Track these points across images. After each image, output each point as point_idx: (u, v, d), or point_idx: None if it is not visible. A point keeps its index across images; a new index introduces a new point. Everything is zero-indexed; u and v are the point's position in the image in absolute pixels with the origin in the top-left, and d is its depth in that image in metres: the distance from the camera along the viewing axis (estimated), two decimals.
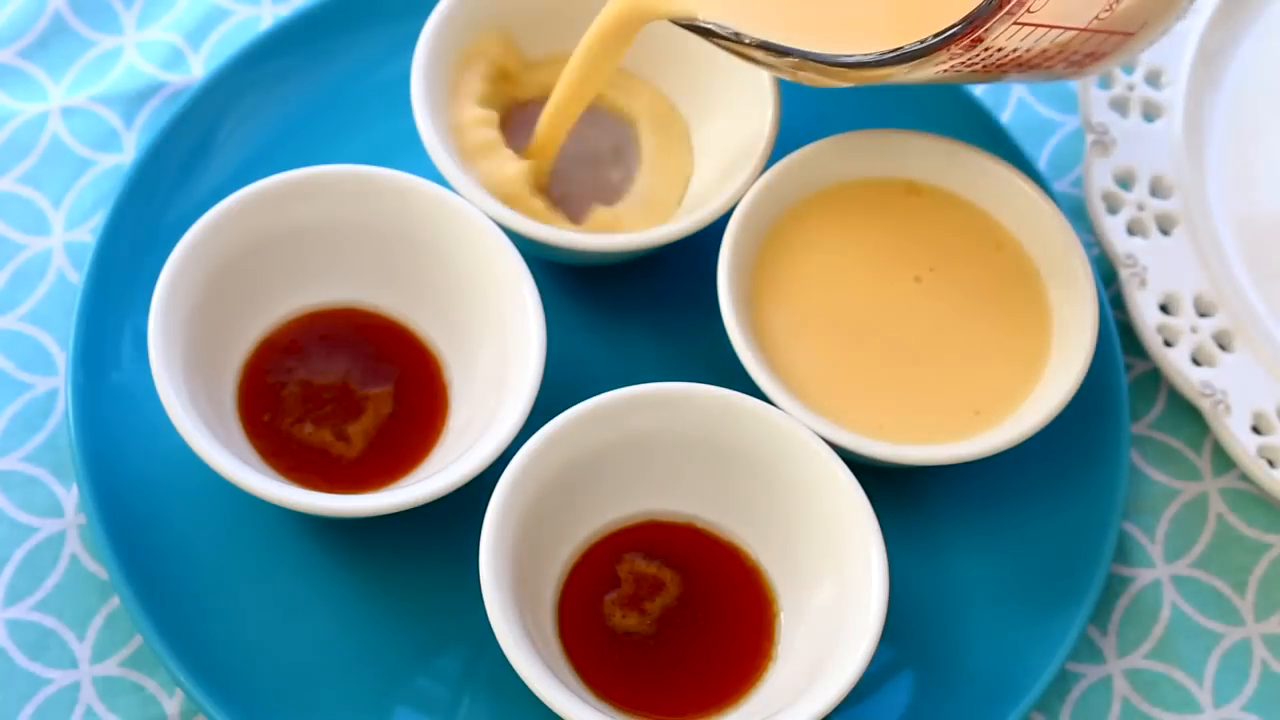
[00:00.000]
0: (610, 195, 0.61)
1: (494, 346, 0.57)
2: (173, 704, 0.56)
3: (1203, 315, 0.64)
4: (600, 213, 0.60)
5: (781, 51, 0.49)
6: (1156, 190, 0.66)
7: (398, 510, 0.54)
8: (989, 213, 0.60)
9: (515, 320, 0.57)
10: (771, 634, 0.55)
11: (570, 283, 0.62)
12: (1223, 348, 0.63)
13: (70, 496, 0.59)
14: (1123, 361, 0.62)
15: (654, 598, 0.54)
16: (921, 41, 0.46)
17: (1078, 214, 0.66)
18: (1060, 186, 0.68)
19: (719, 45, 0.51)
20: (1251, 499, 0.62)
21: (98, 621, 0.57)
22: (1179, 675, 0.59)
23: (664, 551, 0.56)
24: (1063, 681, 0.59)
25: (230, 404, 0.57)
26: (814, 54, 0.48)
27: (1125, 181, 0.66)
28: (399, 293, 0.59)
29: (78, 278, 0.61)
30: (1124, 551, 0.61)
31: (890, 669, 0.56)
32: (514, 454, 0.54)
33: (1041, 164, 0.68)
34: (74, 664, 0.56)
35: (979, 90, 0.69)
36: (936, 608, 0.58)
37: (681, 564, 0.55)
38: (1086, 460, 0.61)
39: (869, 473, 0.55)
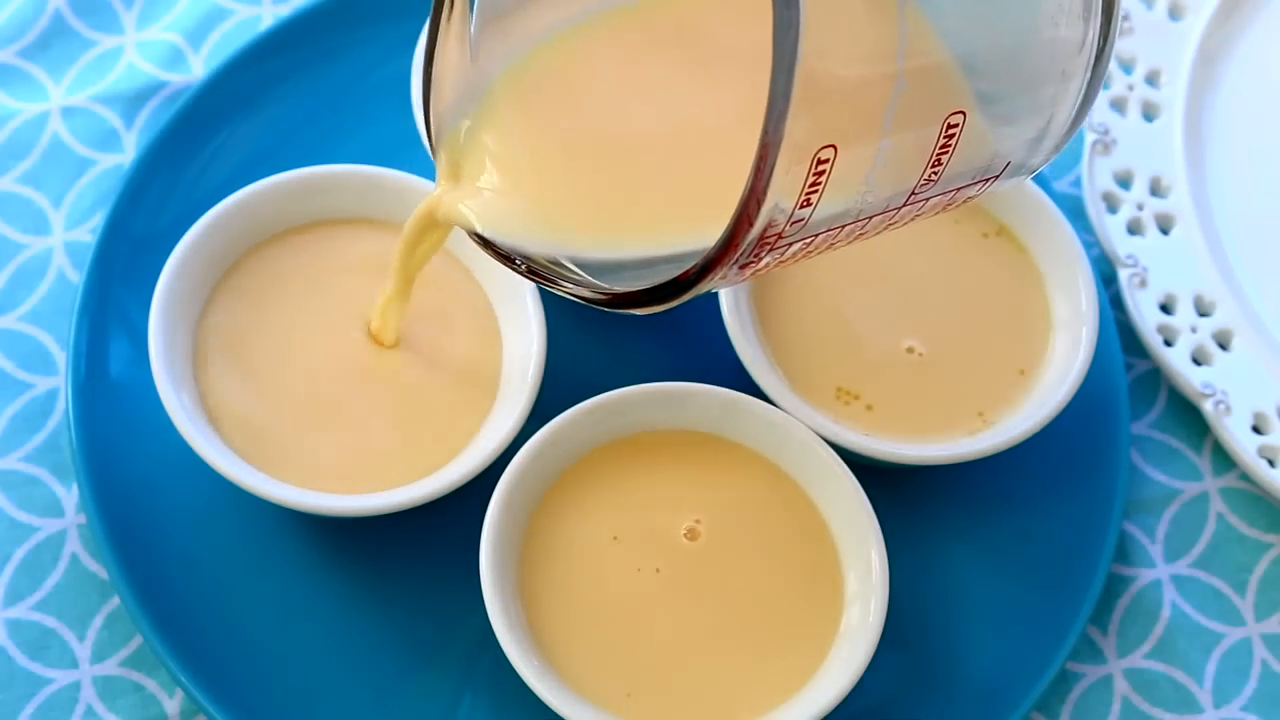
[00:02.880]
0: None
1: (494, 346, 0.57)
2: (173, 704, 0.56)
3: (1203, 315, 0.64)
4: None
5: (547, 278, 0.46)
6: (1156, 190, 0.66)
7: (398, 510, 0.54)
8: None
9: (515, 320, 0.57)
10: None
11: None
12: (1223, 347, 0.63)
13: (70, 496, 0.59)
14: (1123, 361, 0.62)
15: None
16: (675, 282, 0.42)
17: (1078, 214, 0.66)
18: (1060, 186, 0.68)
19: (503, 263, 0.48)
20: (1251, 499, 0.62)
21: (98, 621, 0.57)
22: (1179, 675, 0.59)
23: None
24: (1063, 681, 0.59)
25: None
26: (577, 290, 0.45)
27: (1125, 181, 0.66)
28: None
29: (78, 278, 0.61)
30: (1124, 551, 0.61)
31: (890, 669, 0.56)
32: (514, 454, 0.54)
33: None
34: (74, 664, 0.56)
35: None
36: (936, 608, 0.58)
37: None
38: (1086, 460, 0.61)
39: (869, 473, 0.55)
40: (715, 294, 0.57)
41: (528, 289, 0.56)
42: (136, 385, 0.58)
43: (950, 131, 0.41)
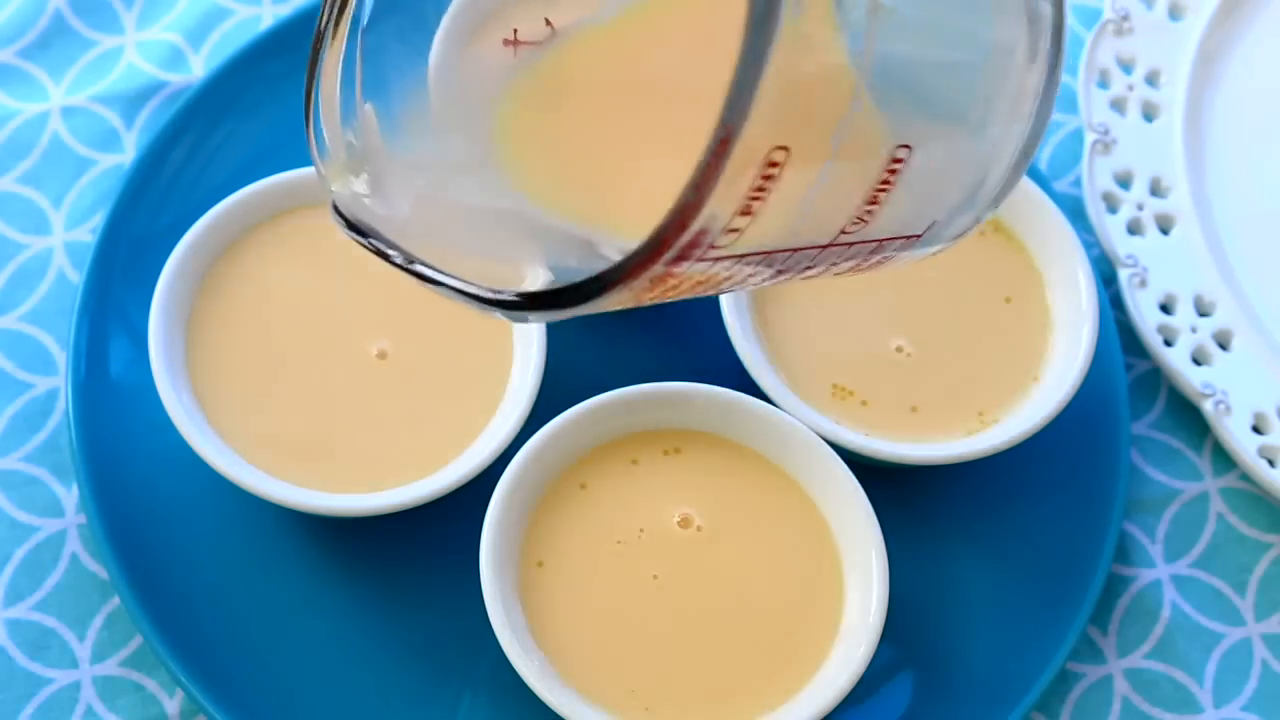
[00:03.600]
0: None
1: (494, 346, 0.57)
2: (173, 704, 0.56)
3: (1203, 315, 0.64)
4: None
5: (426, 277, 0.42)
6: (1156, 190, 0.66)
7: (398, 510, 0.54)
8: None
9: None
10: None
11: None
12: (1223, 347, 0.63)
13: (70, 496, 0.59)
14: (1123, 361, 0.62)
15: None
16: (578, 287, 0.37)
17: (1078, 214, 0.66)
18: (1060, 186, 0.68)
19: (380, 256, 0.44)
20: (1251, 499, 0.62)
21: (98, 621, 0.57)
22: (1179, 675, 0.59)
23: None
24: (1063, 681, 0.59)
25: None
26: (463, 287, 0.41)
27: (1125, 181, 0.66)
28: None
29: (78, 278, 0.61)
30: (1124, 551, 0.61)
31: (890, 669, 0.56)
32: (514, 454, 0.54)
33: (1041, 164, 0.68)
34: (74, 664, 0.56)
35: None
36: (936, 608, 0.58)
37: None
38: (1086, 460, 0.61)
39: (869, 472, 0.55)
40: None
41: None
42: (136, 385, 0.58)
43: (894, 167, 0.40)
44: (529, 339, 0.56)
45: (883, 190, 0.40)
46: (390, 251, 0.44)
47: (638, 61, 0.47)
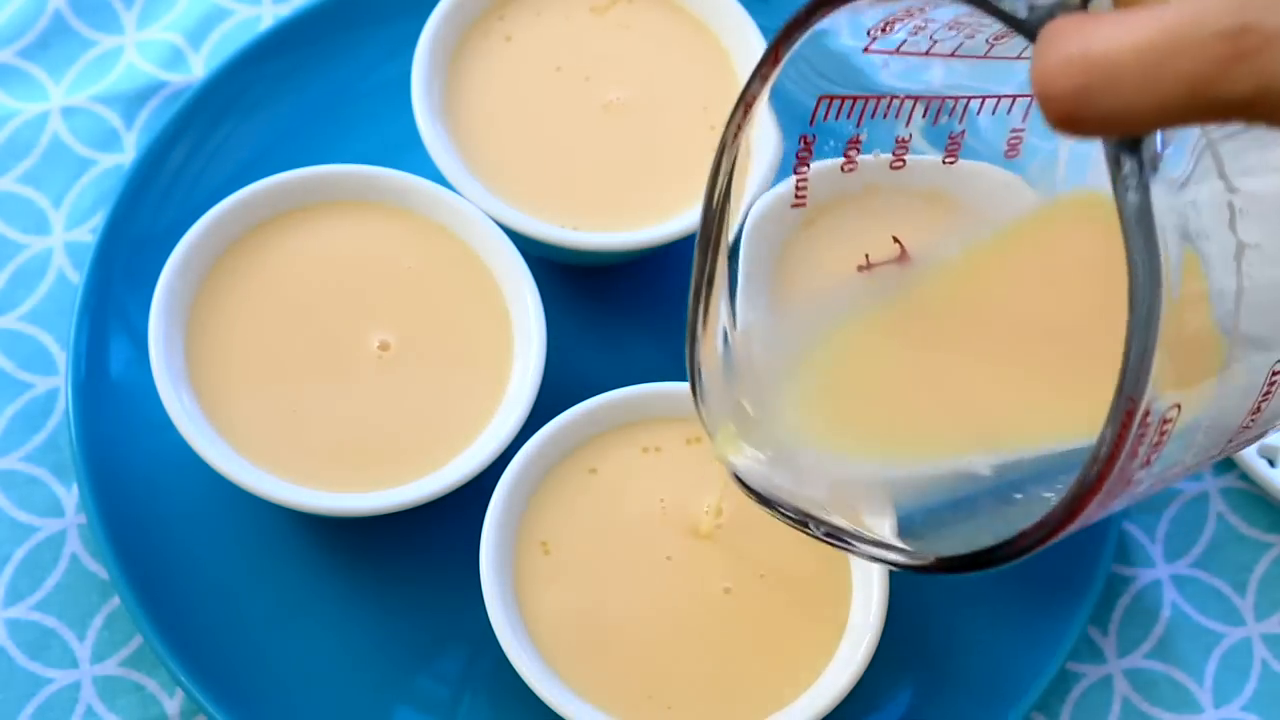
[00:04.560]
0: None
1: (494, 348, 0.57)
2: (173, 704, 0.56)
3: None
4: None
5: (844, 541, 0.44)
6: None
7: (398, 510, 0.54)
8: None
9: (515, 320, 0.57)
10: None
11: (570, 283, 0.62)
12: None
13: (70, 496, 0.59)
14: None
15: None
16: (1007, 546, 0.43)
17: None
18: None
19: (797, 528, 0.46)
20: (1251, 499, 0.62)
21: (98, 621, 0.57)
22: (1179, 675, 0.59)
23: None
24: (1063, 681, 0.59)
25: None
26: (886, 555, 0.44)
27: None
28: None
29: (78, 278, 0.61)
30: (1124, 551, 0.61)
31: (890, 669, 0.56)
32: (514, 454, 0.54)
33: None
34: (74, 664, 0.56)
35: None
36: (937, 608, 0.58)
37: None
38: None
39: None
40: None
41: (528, 289, 0.56)
42: (136, 385, 0.58)
43: (1274, 379, 0.40)
44: (529, 338, 0.56)
45: (1265, 399, 0.40)
46: (806, 521, 0.46)
47: (988, 300, 0.48)
